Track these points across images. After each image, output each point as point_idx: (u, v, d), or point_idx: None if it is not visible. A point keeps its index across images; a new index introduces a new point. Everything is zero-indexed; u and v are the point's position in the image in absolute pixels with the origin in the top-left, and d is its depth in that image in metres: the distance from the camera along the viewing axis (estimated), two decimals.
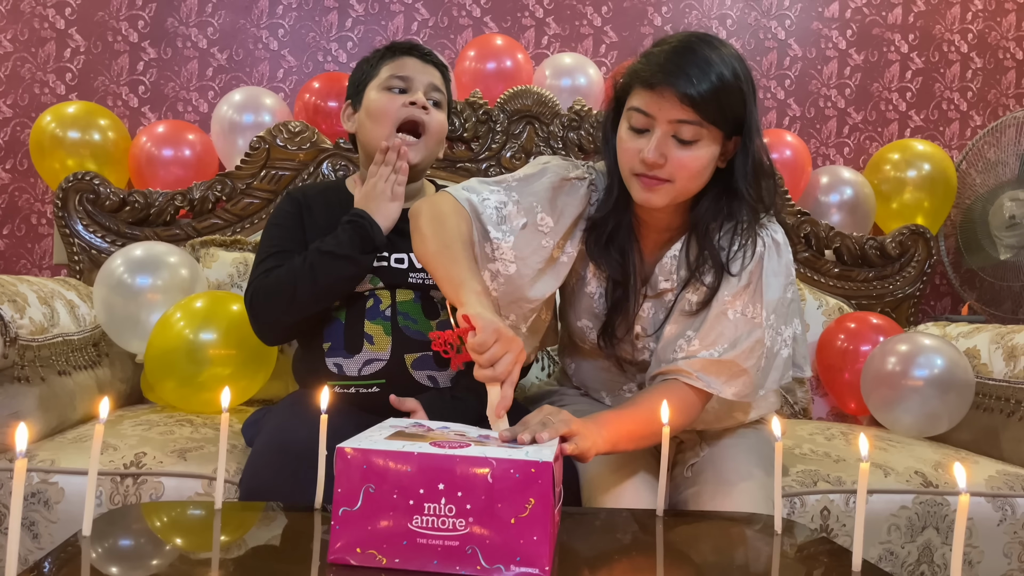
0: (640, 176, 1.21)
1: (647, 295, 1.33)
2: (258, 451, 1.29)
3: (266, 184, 2.12)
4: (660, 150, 1.17)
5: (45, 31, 2.47)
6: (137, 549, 0.93)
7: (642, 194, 1.22)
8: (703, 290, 1.27)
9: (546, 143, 2.20)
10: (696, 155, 1.18)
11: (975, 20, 2.75)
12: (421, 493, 0.82)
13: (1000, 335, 1.87)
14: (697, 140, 1.18)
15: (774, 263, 1.28)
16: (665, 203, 1.22)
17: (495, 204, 1.26)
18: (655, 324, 1.33)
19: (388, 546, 0.82)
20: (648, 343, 1.34)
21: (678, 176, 1.19)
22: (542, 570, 0.81)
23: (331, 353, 1.42)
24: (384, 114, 1.48)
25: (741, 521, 1.15)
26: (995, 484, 1.56)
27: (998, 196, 2.48)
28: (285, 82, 2.54)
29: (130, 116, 2.49)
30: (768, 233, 1.29)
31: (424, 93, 1.50)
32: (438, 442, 0.88)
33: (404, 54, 1.53)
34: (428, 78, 1.52)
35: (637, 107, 1.19)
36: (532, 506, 0.81)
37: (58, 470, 1.36)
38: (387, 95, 1.50)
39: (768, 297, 1.26)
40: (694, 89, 1.14)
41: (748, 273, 1.26)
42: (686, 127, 1.17)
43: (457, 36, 2.59)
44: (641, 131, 1.20)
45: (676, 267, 1.31)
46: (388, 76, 1.50)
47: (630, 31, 2.64)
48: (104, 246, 2.06)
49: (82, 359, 1.67)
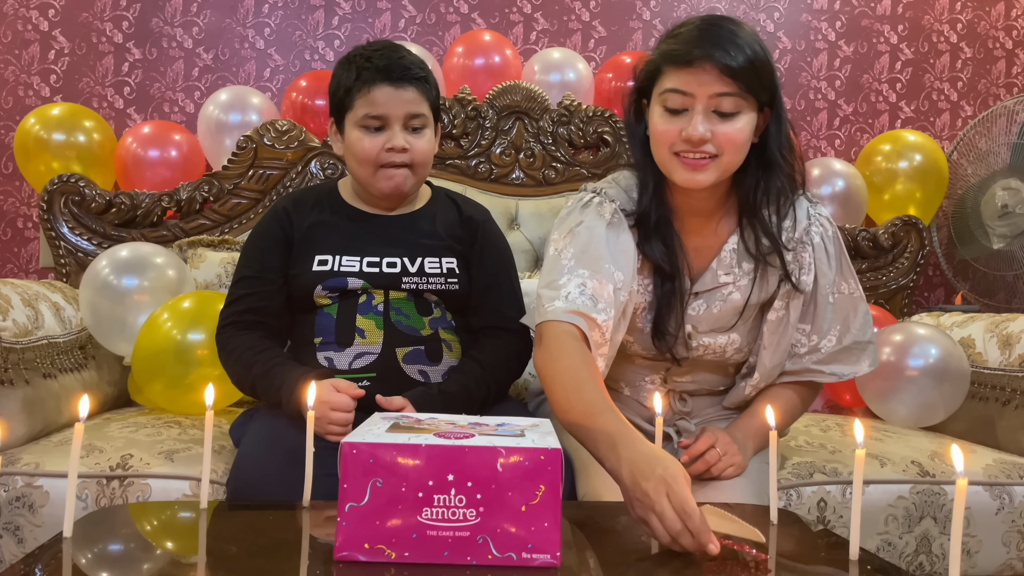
0: (682, 156, 1.20)
1: (697, 292, 1.31)
2: (245, 450, 1.28)
3: (254, 184, 2.10)
4: (705, 125, 1.17)
5: (29, 33, 2.45)
6: (119, 550, 0.91)
7: (686, 174, 1.20)
8: (770, 282, 1.30)
9: (535, 139, 2.19)
10: (740, 127, 1.19)
11: (964, 10, 2.74)
12: (430, 485, 0.81)
13: (994, 324, 1.86)
14: (738, 112, 1.18)
15: (839, 238, 1.34)
16: (712, 181, 1.21)
17: (578, 290, 1.19)
18: (708, 321, 1.32)
19: (397, 540, 0.81)
20: (701, 339, 1.32)
21: (725, 149, 1.19)
22: (553, 556, 0.81)
23: (322, 347, 1.41)
24: (365, 159, 1.43)
25: (738, 511, 1.13)
26: (992, 472, 1.55)
27: (990, 186, 2.47)
28: (272, 81, 2.52)
29: (116, 117, 2.47)
30: (818, 211, 1.34)
31: (403, 124, 1.42)
32: (441, 433, 0.87)
33: (375, 82, 1.40)
34: (404, 108, 1.41)
35: (673, 88, 1.18)
36: (542, 493, 0.81)
37: (42, 473, 1.34)
38: (366, 136, 1.42)
39: (852, 268, 1.35)
40: (733, 60, 1.15)
41: (832, 257, 1.31)
42: (727, 100, 1.17)
43: (445, 33, 2.57)
44: (677, 111, 1.19)
45: (737, 260, 1.31)
46: (363, 115, 1.41)
47: (619, 25, 2.63)
48: (91, 248, 2.03)
49: (68, 362, 1.65)
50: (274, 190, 2.11)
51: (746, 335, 1.34)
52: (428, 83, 1.45)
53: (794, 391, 1.37)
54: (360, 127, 1.42)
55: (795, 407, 1.37)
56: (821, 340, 1.32)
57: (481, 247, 1.52)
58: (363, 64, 1.41)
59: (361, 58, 1.43)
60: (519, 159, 2.19)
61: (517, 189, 2.18)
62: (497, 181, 2.18)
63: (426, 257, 1.46)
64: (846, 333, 1.32)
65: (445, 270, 1.46)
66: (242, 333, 1.43)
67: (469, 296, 1.49)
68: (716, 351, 1.34)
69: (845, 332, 1.32)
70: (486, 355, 1.45)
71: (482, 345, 1.47)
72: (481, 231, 1.54)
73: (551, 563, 0.81)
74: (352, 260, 1.44)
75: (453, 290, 1.46)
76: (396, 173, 1.43)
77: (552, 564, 0.81)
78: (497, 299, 1.51)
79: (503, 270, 1.55)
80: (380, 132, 1.42)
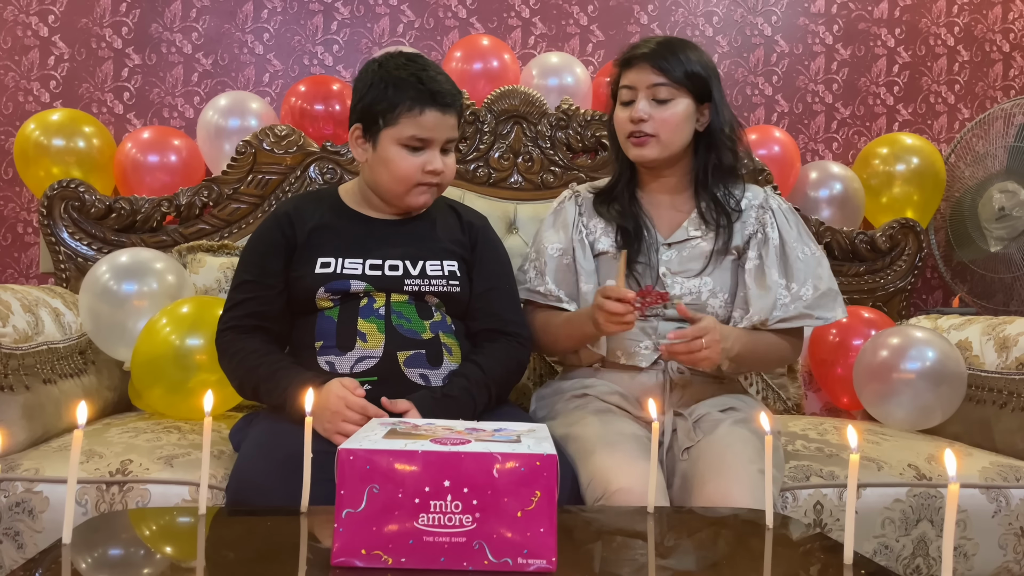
0: (631, 137, 1.53)
1: (670, 243, 1.57)
2: (244, 455, 1.28)
3: (253, 189, 2.10)
4: (645, 109, 1.50)
5: (28, 39, 2.46)
6: (118, 556, 0.92)
7: (635, 151, 1.54)
8: (720, 235, 1.56)
9: (534, 143, 2.20)
10: (673, 112, 1.51)
11: (961, 13, 2.75)
12: (427, 491, 0.82)
13: (991, 326, 1.87)
14: (672, 99, 1.51)
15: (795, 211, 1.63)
16: (655, 155, 1.53)
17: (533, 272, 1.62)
18: (678, 263, 1.56)
19: (394, 546, 0.82)
20: (676, 279, 1.54)
21: (661, 129, 1.51)
22: (549, 561, 0.82)
23: (323, 351, 1.42)
24: (403, 178, 1.45)
25: (733, 516, 1.14)
26: (989, 475, 1.56)
27: (987, 188, 2.48)
28: (271, 86, 2.53)
29: (115, 123, 2.48)
30: (775, 195, 1.63)
31: (441, 147, 1.46)
32: (438, 439, 0.88)
33: (426, 106, 1.42)
34: (447, 133, 1.45)
35: (623, 84, 1.55)
36: (538, 499, 0.82)
37: (42, 479, 1.34)
38: (405, 155, 1.44)
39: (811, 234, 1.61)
40: (664, 60, 1.50)
41: (792, 222, 1.57)
42: (662, 89, 1.51)
43: (443, 37, 2.58)
44: (627, 103, 1.54)
45: (704, 222, 1.58)
46: (409, 136, 1.42)
47: (616, 29, 2.63)
48: (90, 254, 2.04)
49: (68, 367, 1.65)
50: (273, 195, 2.11)
51: (719, 279, 1.55)
52: (463, 106, 1.52)
53: (782, 338, 1.55)
54: (402, 145, 1.43)
55: (783, 348, 1.56)
56: (800, 288, 1.52)
57: (481, 252, 1.55)
58: (415, 84, 1.42)
59: (412, 76, 1.42)
60: (517, 163, 2.19)
61: (515, 193, 2.19)
62: (495, 185, 2.18)
63: (428, 260, 1.48)
64: (820, 281, 1.53)
65: (447, 272, 1.48)
66: (243, 337, 1.43)
67: (470, 299, 1.50)
68: (691, 291, 1.54)
69: (819, 281, 1.53)
70: (487, 359, 1.45)
71: (482, 349, 1.48)
72: (481, 236, 1.57)
73: (547, 568, 0.82)
74: (355, 263, 1.45)
75: (454, 292, 1.47)
76: (428, 190, 1.47)
77: (548, 569, 0.82)
78: (497, 303, 1.52)
79: (503, 274, 1.57)
80: (419, 152, 1.44)
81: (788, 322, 1.51)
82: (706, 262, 1.55)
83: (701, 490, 1.29)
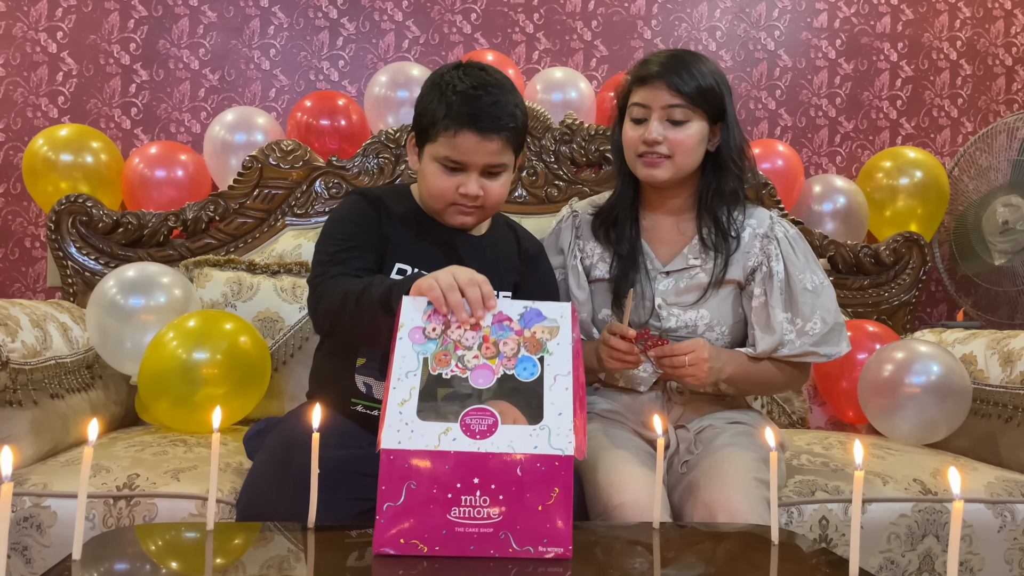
0: (643, 156, 1.48)
1: (668, 272, 1.54)
2: (257, 470, 1.28)
3: (259, 203, 2.12)
4: (659, 130, 1.46)
5: (37, 55, 2.48)
6: (127, 571, 0.92)
7: (645, 171, 1.49)
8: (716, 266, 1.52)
9: (538, 157, 2.21)
10: (688, 133, 1.47)
11: (963, 27, 2.76)
12: (458, 487, 0.93)
13: (996, 340, 1.87)
14: (687, 120, 1.46)
15: (802, 237, 1.57)
16: (667, 177, 1.49)
17: None
18: (674, 294, 1.53)
19: (429, 535, 0.92)
20: (672, 311, 1.52)
21: (676, 151, 1.47)
22: (566, 549, 0.94)
23: (363, 371, 1.38)
24: (437, 196, 1.37)
25: (738, 531, 1.14)
26: (994, 490, 1.56)
27: (991, 202, 2.48)
28: (277, 101, 2.55)
29: (123, 138, 2.50)
30: (780, 219, 1.57)
31: (480, 172, 1.36)
32: (469, 428, 0.95)
33: (462, 128, 1.32)
34: (486, 159, 1.34)
35: (636, 102, 1.49)
36: (557, 495, 0.94)
37: (50, 494, 1.35)
38: (441, 174, 1.36)
39: (818, 262, 1.56)
40: (681, 80, 1.45)
41: (799, 251, 1.52)
42: (678, 110, 1.46)
43: (448, 53, 2.60)
44: (640, 121, 1.49)
45: (704, 249, 1.54)
46: (444, 155, 1.34)
47: (620, 45, 2.65)
48: (98, 268, 2.05)
49: (75, 382, 1.66)
50: (279, 209, 2.13)
51: (716, 313, 1.52)
52: (517, 130, 1.37)
53: (779, 368, 1.52)
54: (437, 162, 1.36)
55: (789, 375, 1.54)
56: (806, 324, 1.48)
57: (528, 280, 1.51)
58: (453, 101, 1.32)
59: (453, 92, 1.33)
60: (522, 177, 2.20)
61: (520, 207, 2.20)
62: None
63: None
64: (827, 314, 1.49)
65: None
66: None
67: None
68: (687, 324, 1.52)
69: (826, 314, 1.49)
70: None
71: None
72: (533, 265, 1.53)
73: (564, 555, 0.94)
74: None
75: None
76: (466, 211, 1.39)
77: (565, 556, 0.94)
78: None
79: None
80: (456, 173, 1.36)
81: (792, 358, 1.50)
82: (702, 293, 1.52)
83: (698, 497, 1.30)
